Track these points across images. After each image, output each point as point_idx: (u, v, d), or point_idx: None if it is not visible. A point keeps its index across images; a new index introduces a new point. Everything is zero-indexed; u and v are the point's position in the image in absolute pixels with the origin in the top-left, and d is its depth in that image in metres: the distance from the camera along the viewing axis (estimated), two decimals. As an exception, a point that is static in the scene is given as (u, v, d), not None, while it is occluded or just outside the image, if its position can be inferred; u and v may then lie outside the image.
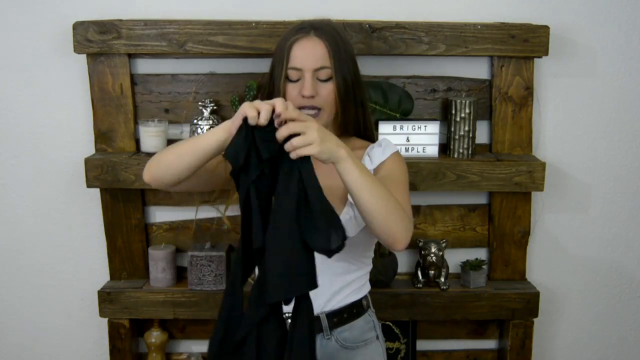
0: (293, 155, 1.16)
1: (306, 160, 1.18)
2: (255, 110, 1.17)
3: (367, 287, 1.58)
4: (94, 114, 1.95)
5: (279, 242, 1.17)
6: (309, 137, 1.16)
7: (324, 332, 1.48)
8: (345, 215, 1.43)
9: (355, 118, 1.50)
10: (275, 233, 1.17)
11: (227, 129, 1.23)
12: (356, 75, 1.48)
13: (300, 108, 1.41)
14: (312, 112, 1.42)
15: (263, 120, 1.17)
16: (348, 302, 1.51)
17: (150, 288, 2.00)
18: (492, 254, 2.08)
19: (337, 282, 1.48)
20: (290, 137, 1.17)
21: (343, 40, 1.47)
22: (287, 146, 1.16)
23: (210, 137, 1.26)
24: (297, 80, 1.43)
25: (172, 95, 1.98)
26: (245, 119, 1.18)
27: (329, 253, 1.18)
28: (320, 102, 1.42)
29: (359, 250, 1.49)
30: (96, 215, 2.02)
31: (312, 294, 1.34)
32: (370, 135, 1.56)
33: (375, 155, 1.48)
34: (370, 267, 1.58)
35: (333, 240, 1.16)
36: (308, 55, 1.41)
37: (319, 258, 1.33)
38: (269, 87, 1.48)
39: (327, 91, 1.42)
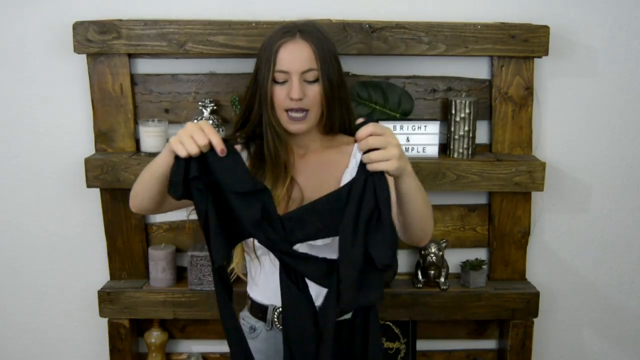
0: (369, 168, 1.18)
1: (381, 173, 1.19)
2: (183, 145, 1.19)
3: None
4: (94, 114, 1.95)
5: (349, 252, 1.20)
6: (389, 153, 1.17)
7: None
8: None
9: (340, 116, 1.51)
10: (345, 244, 1.20)
11: (168, 144, 1.23)
12: (340, 74, 1.49)
13: (288, 110, 1.44)
14: (301, 114, 1.43)
15: (192, 152, 1.18)
16: None
17: (150, 288, 2.00)
18: (492, 254, 2.08)
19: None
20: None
21: (327, 41, 1.49)
22: (364, 158, 1.18)
23: (162, 161, 1.28)
24: (284, 82, 1.43)
25: (172, 95, 1.98)
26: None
27: (387, 268, 1.22)
28: (307, 104, 1.44)
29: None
30: (96, 215, 2.02)
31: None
32: (354, 131, 1.58)
33: None
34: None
35: (394, 256, 1.21)
36: (295, 58, 1.42)
37: (312, 251, 1.36)
38: (253, 88, 1.49)
39: (314, 92, 1.44)
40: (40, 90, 1.99)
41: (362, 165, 1.20)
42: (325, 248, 1.42)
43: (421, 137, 1.93)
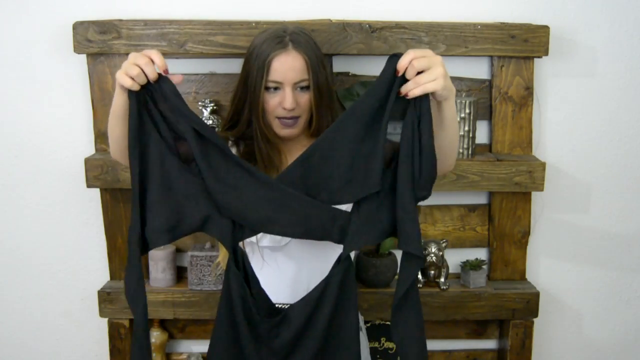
0: (418, 91, 1.17)
1: (425, 100, 1.19)
2: (128, 77, 1.20)
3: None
4: (94, 114, 1.95)
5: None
6: (436, 72, 1.17)
7: None
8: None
9: (327, 121, 1.52)
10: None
11: (116, 80, 1.24)
12: (327, 80, 1.52)
13: (280, 118, 1.46)
14: (292, 120, 1.46)
15: (140, 80, 1.21)
16: None
17: (150, 288, 2.00)
18: (492, 254, 2.08)
19: (320, 271, 1.49)
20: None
21: (317, 48, 1.51)
22: (410, 84, 1.17)
23: (117, 99, 1.29)
24: (276, 89, 1.45)
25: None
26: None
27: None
28: (299, 112, 1.47)
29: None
30: (96, 215, 2.02)
31: (295, 284, 1.38)
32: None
33: None
34: (354, 255, 1.60)
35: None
36: (288, 70, 1.43)
37: (301, 249, 1.36)
38: (242, 92, 1.50)
39: (305, 100, 1.47)
40: (40, 90, 1.99)
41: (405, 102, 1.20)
42: (316, 242, 1.43)
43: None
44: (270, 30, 1.50)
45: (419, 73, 1.18)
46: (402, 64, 1.18)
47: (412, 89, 1.18)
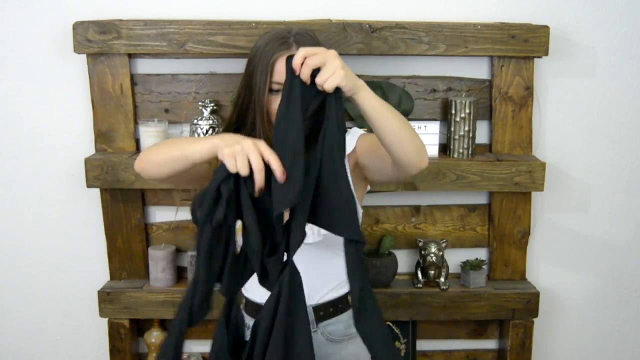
0: (326, 87, 1.14)
1: (337, 97, 1.16)
2: (235, 161, 1.14)
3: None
4: (94, 114, 1.95)
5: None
6: (333, 66, 1.14)
7: (311, 325, 1.48)
8: None
9: None
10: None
11: (218, 146, 1.19)
12: None
13: None
14: None
15: (242, 172, 1.13)
16: (334, 296, 1.52)
17: (150, 288, 2.00)
18: (492, 254, 2.08)
19: (320, 273, 1.49)
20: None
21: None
22: (318, 82, 1.15)
23: (201, 148, 1.24)
24: (279, 90, 1.44)
25: (172, 95, 1.98)
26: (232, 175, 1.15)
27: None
28: None
29: (339, 238, 1.49)
30: (96, 215, 2.02)
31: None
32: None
33: (347, 141, 1.49)
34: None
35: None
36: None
37: (302, 248, 1.35)
38: (246, 94, 1.48)
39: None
40: (40, 90, 1.98)
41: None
42: (315, 246, 1.42)
43: (421, 137, 1.92)
44: (274, 31, 1.49)
45: (315, 72, 1.15)
46: (296, 62, 1.14)
47: (320, 86, 1.15)
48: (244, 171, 1.13)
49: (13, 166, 2.03)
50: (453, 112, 1.92)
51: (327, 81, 1.14)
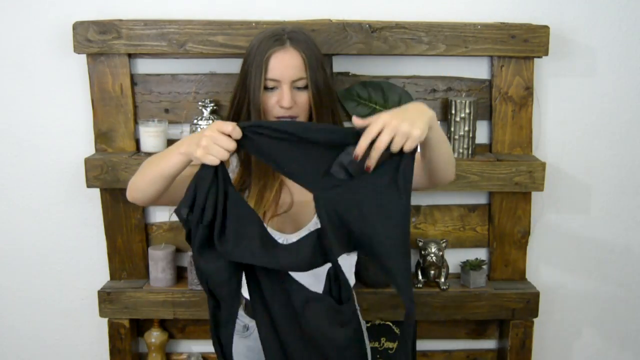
0: (406, 150, 1.15)
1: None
2: (214, 156, 1.18)
3: (352, 282, 1.58)
4: (94, 114, 1.95)
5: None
6: (402, 131, 1.14)
7: None
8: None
9: (327, 121, 1.51)
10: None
11: (188, 154, 1.23)
12: (326, 80, 1.50)
13: (278, 117, 1.46)
14: (290, 120, 1.45)
15: (232, 149, 1.19)
16: None
17: (150, 288, 2.00)
18: (492, 254, 2.08)
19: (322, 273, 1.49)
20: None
21: (316, 48, 1.50)
22: (394, 149, 1.15)
23: (173, 161, 1.28)
24: (273, 88, 1.45)
25: (172, 95, 1.98)
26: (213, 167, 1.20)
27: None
28: (297, 111, 1.46)
29: None
30: (96, 215, 2.02)
31: None
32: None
33: None
34: (354, 259, 1.59)
35: None
36: (286, 67, 1.43)
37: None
38: (241, 92, 1.49)
39: (304, 99, 1.46)
40: (40, 90, 1.98)
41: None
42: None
43: (421, 137, 1.93)
44: (268, 30, 1.50)
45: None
46: (359, 150, 1.15)
47: (396, 151, 1.16)
48: (223, 156, 1.18)
49: (13, 166, 2.03)
50: (453, 112, 1.92)
51: (405, 146, 1.14)
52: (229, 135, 1.19)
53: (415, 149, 1.17)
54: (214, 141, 1.18)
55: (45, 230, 2.07)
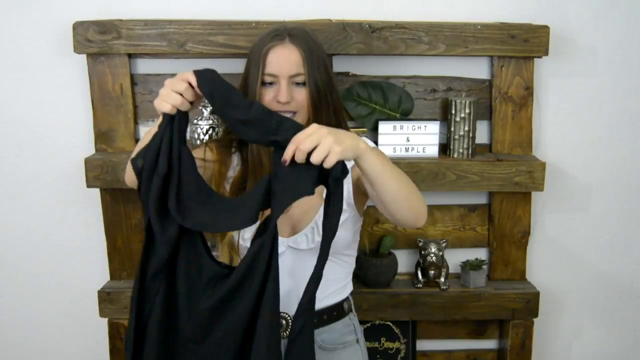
0: (326, 166, 1.13)
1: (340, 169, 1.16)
2: (170, 103, 1.18)
3: (349, 289, 1.58)
4: (94, 114, 1.95)
5: None
6: (325, 145, 1.12)
7: None
8: (320, 212, 1.44)
9: (329, 121, 1.48)
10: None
11: (155, 105, 1.23)
12: (329, 79, 1.49)
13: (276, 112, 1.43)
14: (289, 115, 1.43)
15: (191, 99, 1.20)
16: (329, 303, 1.51)
17: (150, 288, 2.00)
18: (492, 254, 2.08)
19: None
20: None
21: (317, 46, 1.49)
22: (313, 161, 1.13)
23: (158, 125, 1.26)
24: (272, 84, 1.45)
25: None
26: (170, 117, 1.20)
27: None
28: (295, 107, 1.45)
29: (337, 247, 1.48)
30: (96, 215, 2.02)
31: (293, 292, 1.38)
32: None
33: None
34: (352, 266, 1.58)
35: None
36: (283, 61, 1.43)
37: (297, 255, 1.34)
38: (243, 90, 1.50)
39: (302, 96, 1.45)
40: (40, 90, 1.99)
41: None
42: (309, 252, 1.42)
43: (421, 137, 1.93)
44: (270, 27, 1.51)
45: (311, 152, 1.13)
46: (288, 154, 1.13)
47: (317, 164, 1.13)
48: (176, 101, 1.18)
49: (13, 166, 2.03)
50: (453, 112, 1.92)
51: (325, 161, 1.12)
52: (191, 84, 1.19)
53: (340, 175, 1.15)
54: (171, 88, 1.19)
55: (45, 230, 2.07)
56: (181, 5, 1.94)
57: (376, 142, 1.90)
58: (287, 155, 1.13)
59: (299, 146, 1.12)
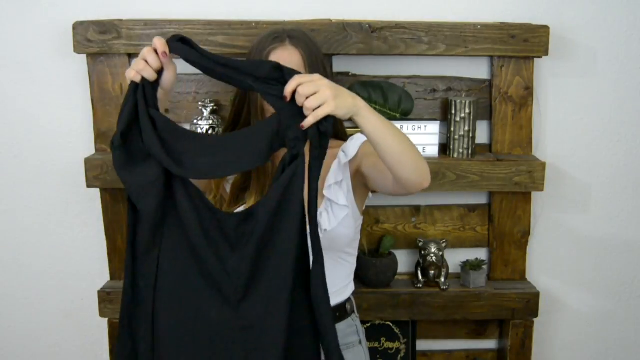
0: (311, 120, 1.14)
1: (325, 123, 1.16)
2: (134, 69, 1.20)
3: (351, 289, 1.58)
4: (94, 114, 1.95)
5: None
6: (324, 95, 1.13)
7: None
8: (321, 209, 1.45)
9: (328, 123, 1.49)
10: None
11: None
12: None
13: None
14: None
15: (156, 67, 1.20)
16: (333, 303, 1.50)
17: (150, 288, 2.00)
18: (492, 254, 2.08)
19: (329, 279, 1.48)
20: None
21: (316, 48, 1.50)
22: (306, 110, 1.14)
23: None
24: None
25: (172, 95, 1.98)
26: (135, 86, 1.20)
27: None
28: None
29: (338, 244, 1.49)
30: (96, 215, 2.02)
31: None
32: (343, 137, 1.59)
33: (349, 148, 1.50)
34: (353, 265, 1.58)
35: None
36: (284, 64, 1.42)
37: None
38: (242, 92, 1.50)
39: None
40: (40, 90, 1.99)
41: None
42: None
43: (421, 137, 1.93)
44: (269, 29, 1.51)
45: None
46: (288, 90, 1.15)
47: (308, 114, 1.15)
48: (143, 69, 1.19)
49: (13, 166, 2.03)
50: (453, 112, 1.92)
51: (317, 110, 1.13)
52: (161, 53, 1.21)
53: (326, 130, 1.15)
54: (141, 57, 1.21)
55: (45, 230, 2.07)
56: (181, 5, 1.94)
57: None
58: (287, 92, 1.14)
59: (298, 89, 1.14)
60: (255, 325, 1.17)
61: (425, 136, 1.93)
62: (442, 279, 2.01)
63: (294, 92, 1.15)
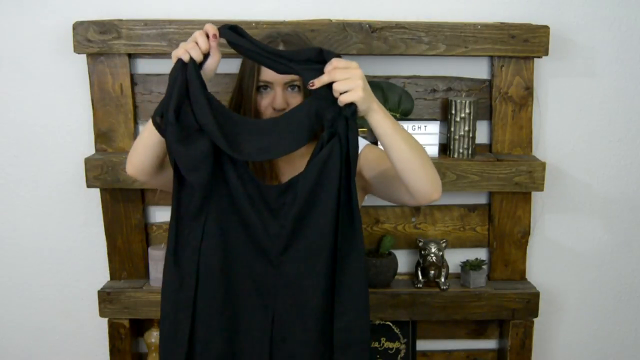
0: (341, 99, 1.19)
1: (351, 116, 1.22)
2: (184, 47, 1.25)
3: None
4: (94, 114, 1.95)
5: None
6: (354, 83, 1.18)
7: None
8: None
9: None
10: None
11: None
12: None
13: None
14: None
15: (204, 49, 1.26)
16: None
17: (150, 288, 1.99)
18: (492, 254, 2.08)
19: None
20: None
21: None
22: (335, 88, 1.19)
23: (149, 132, 1.31)
24: (267, 89, 1.46)
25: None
26: (183, 65, 1.27)
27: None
28: None
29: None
30: (96, 215, 2.02)
31: None
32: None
33: None
34: None
35: None
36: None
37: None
38: (237, 95, 1.50)
39: (297, 100, 1.45)
40: (40, 90, 1.99)
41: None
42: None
43: (421, 137, 1.92)
44: (264, 33, 1.52)
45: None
46: (326, 69, 1.20)
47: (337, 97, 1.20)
48: (192, 49, 1.25)
49: (13, 166, 2.03)
50: (453, 112, 1.92)
51: (344, 95, 1.19)
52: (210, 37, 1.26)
53: (351, 115, 1.21)
54: (191, 39, 1.26)
55: (45, 230, 2.07)
56: (181, 5, 1.94)
57: (376, 143, 1.90)
58: (317, 82, 1.20)
59: (332, 73, 1.19)
60: (294, 283, 1.28)
61: (425, 136, 1.93)
62: (442, 279, 2.01)
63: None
